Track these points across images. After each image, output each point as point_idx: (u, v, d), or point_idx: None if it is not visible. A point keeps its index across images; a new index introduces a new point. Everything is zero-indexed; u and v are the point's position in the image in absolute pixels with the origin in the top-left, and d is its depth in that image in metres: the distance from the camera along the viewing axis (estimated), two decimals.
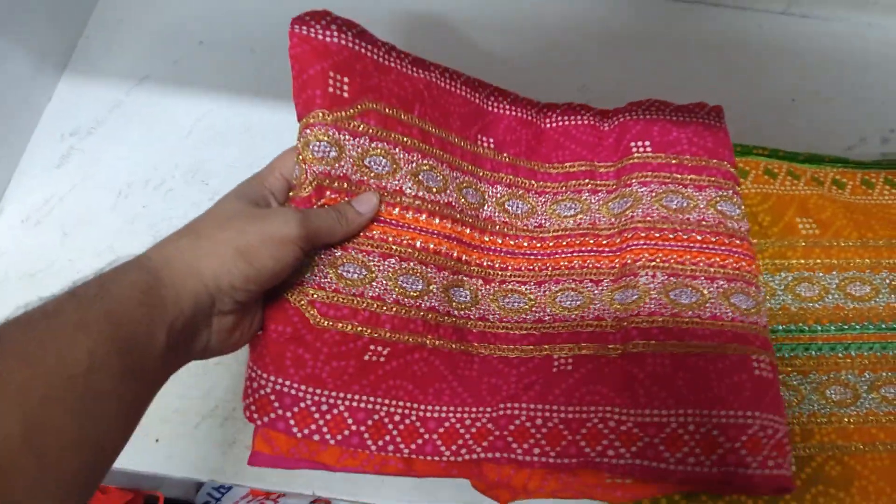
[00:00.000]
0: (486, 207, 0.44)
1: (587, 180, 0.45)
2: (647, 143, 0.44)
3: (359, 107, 0.39)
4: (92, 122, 0.53)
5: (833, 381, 0.41)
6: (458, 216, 0.42)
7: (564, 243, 0.44)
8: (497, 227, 0.44)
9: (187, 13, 0.58)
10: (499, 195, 0.45)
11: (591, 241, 0.43)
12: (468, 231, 0.42)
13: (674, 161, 0.44)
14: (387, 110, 0.40)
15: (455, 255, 0.41)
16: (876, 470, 0.39)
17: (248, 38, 0.57)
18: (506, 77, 0.56)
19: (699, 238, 0.41)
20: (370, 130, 0.39)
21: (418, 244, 0.40)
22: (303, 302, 0.37)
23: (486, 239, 0.43)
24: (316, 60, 0.38)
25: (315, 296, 0.37)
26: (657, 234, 0.41)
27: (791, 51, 0.59)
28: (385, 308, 0.38)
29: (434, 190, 0.41)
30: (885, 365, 0.42)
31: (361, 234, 0.38)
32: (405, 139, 0.40)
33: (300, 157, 0.38)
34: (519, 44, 0.58)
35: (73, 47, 0.56)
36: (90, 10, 0.58)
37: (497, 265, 0.43)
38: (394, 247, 0.39)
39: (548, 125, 0.48)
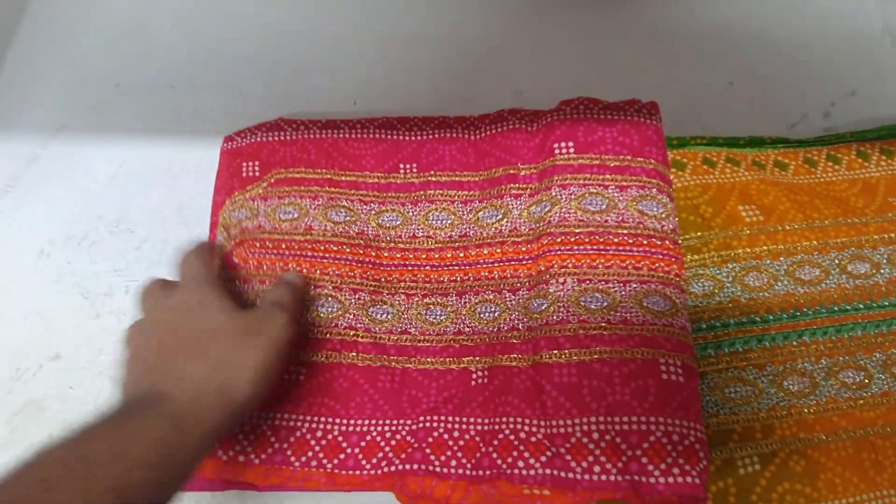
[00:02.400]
0: (409, 226, 0.45)
1: (510, 184, 0.45)
2: (570, 143, 0.44)
3: (269, 178, 0.46)
4: (8, 181, 0.51)
5: (790, 372, 0.40)
6: (372, 241, 0.45)
7: (486, 252, 0.43)
8: (420, 241, 0.45)
9: (102, 55, 0.56)
10: (423, 212, 0.46)
11: (511, 250, 0.43)
12: (385, 253, 0.45)
13: (596, 162, 0.43)
14: (294, 173, 0.46)
15: (371, 276, 0.43)
16: (841, 460, 0.38)
17: (166, 76, 0.55)
18: (437, 90, 0.55)
19: (615, 240, 0.41)
20: (278, 192, 0.46)
21: (331, 271, 0.43)
22: None
23: (411, 256, 0.44)
24: (232, 161, 0.48)
25: None
26: (572, 239, 0.41)
27: (725, 32, 0.58)
28: (301, 332, 0.41)
29: (342, 223, 0.45)
30: (841, 349, 0.41)
31: (279, 268, 0.43)
32: (312, 188, 0.46)
33: (224, 227, 0.46)
34: (447, 56, 0.57)
35: None
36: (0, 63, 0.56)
37: (420, 279, 0.44)
38: (308, 276, 0.43)
39: (477, 137, 0.48)
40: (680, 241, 0.42)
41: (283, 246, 0.44)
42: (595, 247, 0.41)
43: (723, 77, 0.56)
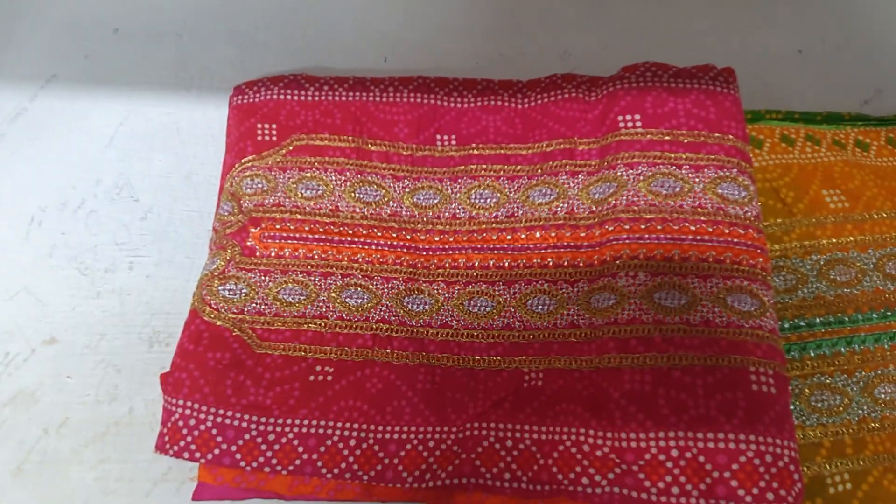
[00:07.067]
0: (449, 206, 0.40)
1: (565, 160, 0.40)
2: (637, 116, 0.38)
3: (287, 145, 0.41)
4: None
5: (882, 379, 0.36)
6: (407, 223, 0.40)
7: (538, 235, 0.39)
8: (461, 223, 0.40)
9: None
10: (464, 189, 0.41)
11: (568, 234, 0.38)
12: (422, 236, 0.40)
13: (667, 137, 0.38)
14: (317, 140, 0.42)
15: (406, 262, 0.39)
16: None
17: (172, 22, 0.49)
18: (476, 49, 0.49)
19: (692, 228, 0.36)
20: (299, 162, 0.41)
21: (360, 258, 0.39)
22: (244, 329, 0.37)
23: (451, 239, 0.40)
24: (245, 119, 0.42)
25: (255, 322, 0.38)
26: (642, 226, 0.36)
27: None
28: (327, 326, 0.38)
29: (373, 204, 0.41)
30: None
31: (303, 255, 0.39)
32: (338, 160, 0.41)
33: (232, 195, 0.40)
34: (487, 11, 0.51)
35: None
36: None
37: (462, 264, 0.39)
38: (334, 264, 0.39)
39: (525, 105, 0.42)
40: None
41: (307, 228, 0.39)
42: (669, 235, 0.36)
43: (791, 44, 0.51)
